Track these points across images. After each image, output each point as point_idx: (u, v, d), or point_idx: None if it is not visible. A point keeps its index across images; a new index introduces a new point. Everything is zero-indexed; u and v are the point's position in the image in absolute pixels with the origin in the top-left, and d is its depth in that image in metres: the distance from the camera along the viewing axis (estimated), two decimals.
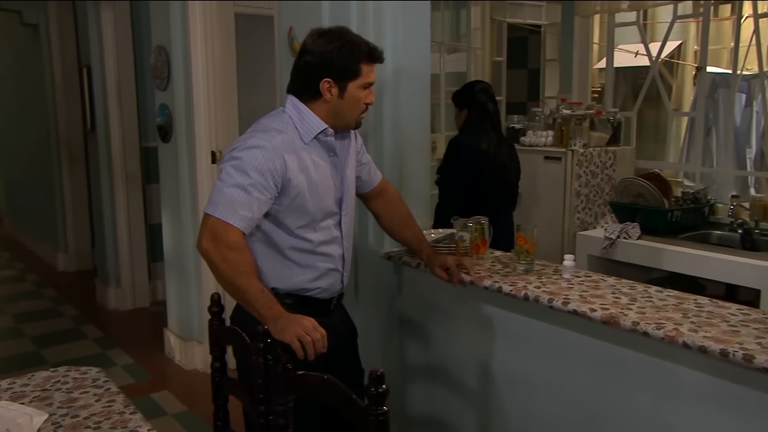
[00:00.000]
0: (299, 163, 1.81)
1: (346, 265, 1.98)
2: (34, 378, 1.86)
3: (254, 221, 1.80)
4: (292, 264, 1.88)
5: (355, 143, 2.02)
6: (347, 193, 1.94)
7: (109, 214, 4.89)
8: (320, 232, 1.89)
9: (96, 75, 4.77)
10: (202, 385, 3.58)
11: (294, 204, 1.82)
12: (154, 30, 3.82)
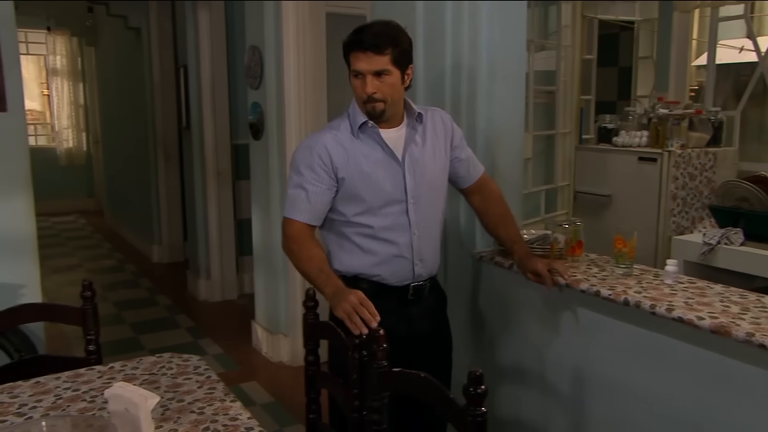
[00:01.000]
0: (347, 156, 1.94)
1: (418, 254, 2.00)
2: (142, 362, 1.96)
3: (319, 211, 1.98)
4: (354, 248, 2.00)
5: (446, 137, 2.07)
6: (418, 183, 1.98)
7: (201, 209, 5.08)
8: (382, 218, 1.96)
9: (192, 75, 4.97)
10: (288, 378, 3.67)
11: (347, 193, 1.95)
12: (248, 30, 3.94)
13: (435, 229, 2.07)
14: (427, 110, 2.08)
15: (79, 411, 1.65)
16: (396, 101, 1.96)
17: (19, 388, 1.78)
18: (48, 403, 1.70)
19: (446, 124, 2.09)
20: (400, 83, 1.94)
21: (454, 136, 2.09)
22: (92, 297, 2.07)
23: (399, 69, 1.92)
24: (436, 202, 2.05)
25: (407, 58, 1.94)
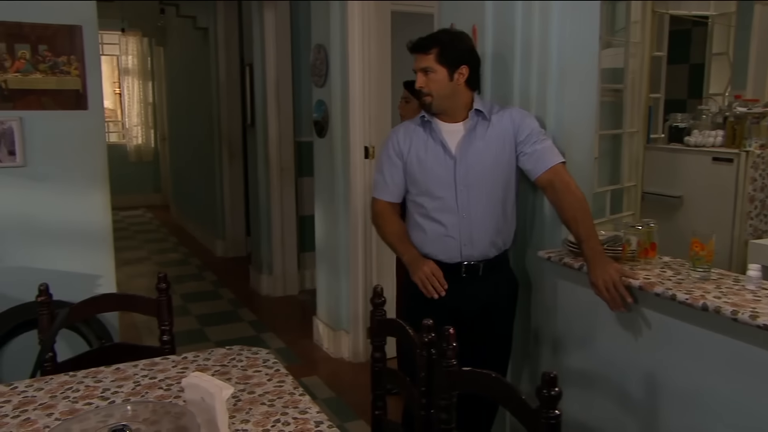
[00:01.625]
0: (411, 143, 2.28)
1: (466, 236, 2.22)
2: (213, 353, 2.02)
3: (395, 190, 2.34)
4: (414, 224, 2.32)
5: (512, 134, 2.23)
6: (470, 172, 2.21)
7: (264, 205, 5.18)
8: (434, 200, 2.24)
9: (257, 73, 5.07)
10: (349, 374, 3.71)
11: (409, 175, 2.29)
12: (314, 29, 3.99)
13: (486, 216, 2.23)
14: (501, 110, 2.28)
15: (157, 398, 1.72)
16: (443, 96, 2.21)
17: (101, 374, 1.87)
18: (128, 389, 1.77)
19: (515, 121, 2.25)
20: (447, 80, 2.19)
21: (519, 132, 2.23)
22: (167, 289, 2.14)
23: (445, 67, 2.18)
24: (491, 191, 2.23)
25: (457, 58, 2.19)
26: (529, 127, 2.22)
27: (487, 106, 2.28)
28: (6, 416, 1.62)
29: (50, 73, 3.16)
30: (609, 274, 1.98)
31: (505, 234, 2.30)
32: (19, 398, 1.71)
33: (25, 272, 3.17)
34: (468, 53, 2.23)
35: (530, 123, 2.24)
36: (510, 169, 2.25)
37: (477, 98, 2.28)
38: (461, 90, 2.22)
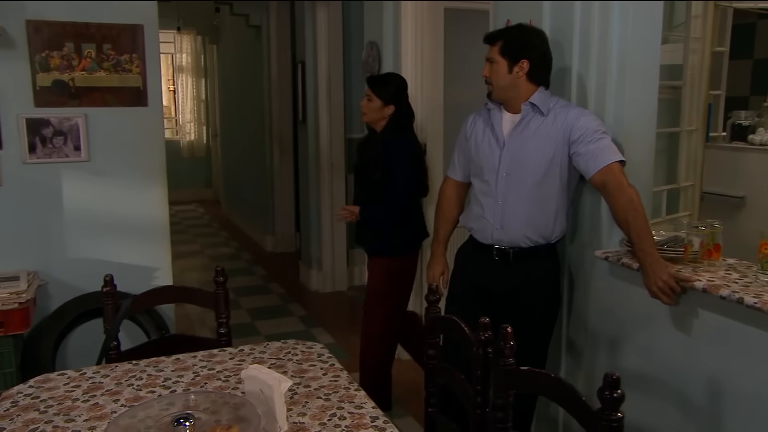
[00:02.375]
0: (475, 127, 2.45)
1: (499, 221, 2.33)
2: (269, 347, 2.06)
3: (462, 168, 2.55)
4: (469, 201, 2.51)
5: (564, 132, 2.24)
6: (514, 161, 2.30)
7: (314, 201, 5.24)
8: (481, 182, 2.40)
9: (309, 70, 5.13)
10: (397, 371, 3.71)
11: (469, 157, 2.48)
12: (366, 26, 4.01)
13: (521, 206, 2.30)
14: (563, 107, 2.29)
15: (215, 389, 1.76)
16: (502, 87, 2.31)
17: (162, 363, 1.93)
18: (188, 379, 1.82)
19: (569, 121, 2.25)
20: (507, 72, 2.29)
21: (573, 132, 2.23)
22: (224, 282, 2.19)
23: (506, 59, 2.28)
24: (529, 183, 2.29)
25: (518, 52, 2.27)
26: (583, 127, 2.21)
27: (547, 102, 2.29)
28: (77, 400, 1.69)
29: (113, 71, 3.27)
30: (662, 279, 1.98)
31: (542, 229, 2.31)
32: (87, 383, 1.79)
33: (88, 263, 3.28)
34: (532, 49, 2.28)
35: (586, 123, 2.22)
36: (556, 166, 2.26)
37: (541, 93, 2.30)
38: (521, 83, 2.28)
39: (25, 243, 3.18)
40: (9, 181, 3.14)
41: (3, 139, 3.11)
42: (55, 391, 1.74)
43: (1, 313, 2.75)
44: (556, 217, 2.32)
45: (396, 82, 3.09)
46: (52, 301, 3.23)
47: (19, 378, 2.82)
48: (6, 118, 3.10)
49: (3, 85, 3.07)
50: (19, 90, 3.10)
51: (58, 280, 3.24)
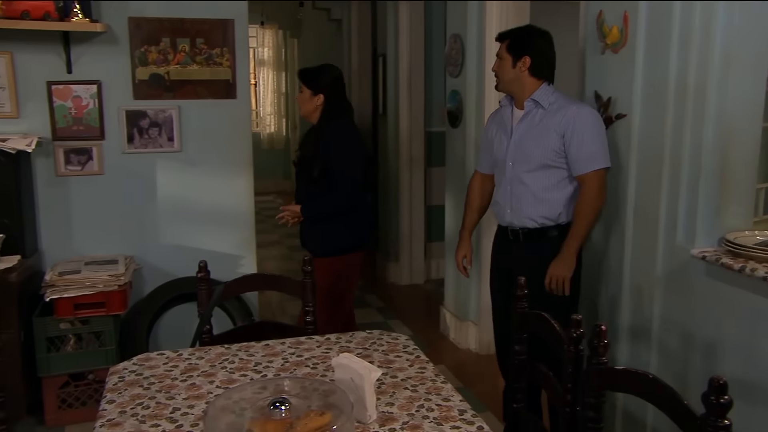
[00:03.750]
0: (492, 122, 2.74)
1: (509, 204, 2.59)
2: (354, 336, 2.09)
3: (485, 161, 2.81)
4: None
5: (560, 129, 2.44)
6: (517, 150, 2.55)
7: (393, 194, 5.27)
8: (497, 171, 2.68)
9: (390, 64, 5.15)
10: (475, 365, 3.70)
11: (489, 148, 2.74)
12: (449, 19, 3.99)
13: (525, 191, 2.54)
14: (564, 103, 2.49)
15: (304, 375, 1.81)
16: (506, 80, 2.56)
17: (252, 348, 1.99)
18: (277, 364, 1.88)
19: (566, 119, 2.45)
20: (511, 67, 2.53)
21: (567, 131, 2.45)
22: (311, 272, 2.24)
23: (511, 56, 2.53)
24: (532, 171, 2.52)
25: (522, 49, 2.50)
26: (576, 130, 2.43)
27: (548, 97, 2.51)
28: (176, 379, 1.77)
29: (205, 64, 3.40)
30: (561, 271, 2.46)
31: (547, 211, 2.53)
32: (184, 364, 1.87)
33: (178, 250, 3.44)
34: (534, 47, 2.51)
35: (579, 127, 2.43)
36: (556, 155, 2.48)
37: (543, 89, 2.52)
38: (524, 77, 2.52)
39: (122, 229, 3.36)
40: (109, 170, 3.32)
41: (105, 130, 3.29)
42: (156, 370, 1.83)
43: (103, 294, 2.92)
44: (564, 201, 2.53)
45: (326, 72, 3.01)
46: (146, 285, 3.40)
47: (117, 355, 2.98)
48: (108, 110, 3.28)
49: (106, 79, 3.25)
50: (120, 83, 3.27)
51: (151, 265, 3.41)
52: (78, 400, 3.00)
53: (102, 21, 3.13)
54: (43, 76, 3.16)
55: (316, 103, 2.97)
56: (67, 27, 2.97)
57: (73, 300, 2.89)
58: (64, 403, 2.97)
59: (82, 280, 2.93)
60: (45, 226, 3.26)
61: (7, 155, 2.87)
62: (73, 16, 2.94)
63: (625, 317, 2.61)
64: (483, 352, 3.79)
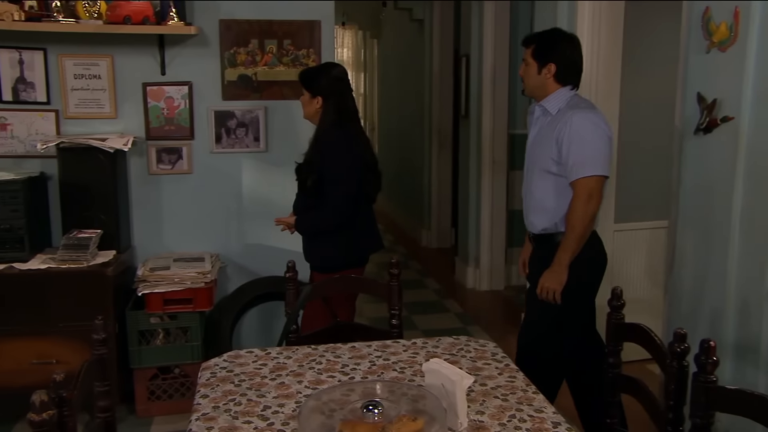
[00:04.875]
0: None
1: (525, 207, 2.66)
2: (441, 342, 2.09)
3: None
4: None
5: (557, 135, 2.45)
6: (528, 155, 2.65)
7: (474, 197, 5.23)
8: None
9: (473, 64, 5.12)
10: None
11: None
12: (538, 18, 3.92)
13: (532, 195, 2.59)
14: (571, 110, 2.47)
15: (392, 379, 1.82)
16: (531, 86, 2.58)
17: (339, 350, 2.02)
18: (364, 367, 1.90)
19: (561, 124, 2.45)
20: (536, 73, 2.54)
21: (561, 136, 2.44)
22: (398, 275, 2.25)
23: (536, 62, 2.53)
24: (538, 176, 2.56)
25: (547, 55, 2.51)
26: (567, 136, 2.43)
27: (559, 102, 2.52)
28: (265, 377, 1.82)
29: (291, 65, 3.48)
30: (551, 283, 2.47)
31: (548, 221, 2.55)
32: (273, 363, 1.92)
33: (262, 249, 3.53)
34: (560, 53, 2.52)
35: (570, 132, 2.42)
36: (551, 164, 2.49)
37: (559, 93, 2.52)
38: (549, 83, 2.53)
39: (209, 227, 3.49)
40: (198, 169, 3.45)
41: (195, 130, 3.42)
42: (246, 367, 1.89)
43: (191, 290, 3.03)
44: (565, 210, 2.50)
45: (325, 73, 2.79)
46: (230, 283, 3.51)
47: (203, 351, 3.10)
48: (198, 111, 3.41)
49: (197, 80, 3.39)
50: (210, 84, 3.40)
51: (235, 263, 3.52)
52: (165, 393, 3.13)
53: (194, 24, 3.26)
54: (139, 78, 3.32)
55: (315, 106, 2.77)
56: (164, 30, 3.11)
57: (162, 295, 3.01)
58: (153, 395, 3.11)
59: (171, 276, 3.05)
60: (137, 222, 3.42)
61: (106, 154, 3.03)
62: (170, 20, 3.07)
63: (728, 333, 2.49)
64: None
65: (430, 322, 4.54)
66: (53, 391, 1.25)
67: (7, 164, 3.20)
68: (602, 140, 2.45)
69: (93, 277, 2.89)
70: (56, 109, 3.27)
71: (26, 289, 2.86)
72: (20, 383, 2.73)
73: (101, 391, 1.59)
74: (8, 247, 2.92)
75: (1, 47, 3.15)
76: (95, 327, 1.58)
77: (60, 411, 1.23)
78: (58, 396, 1.26)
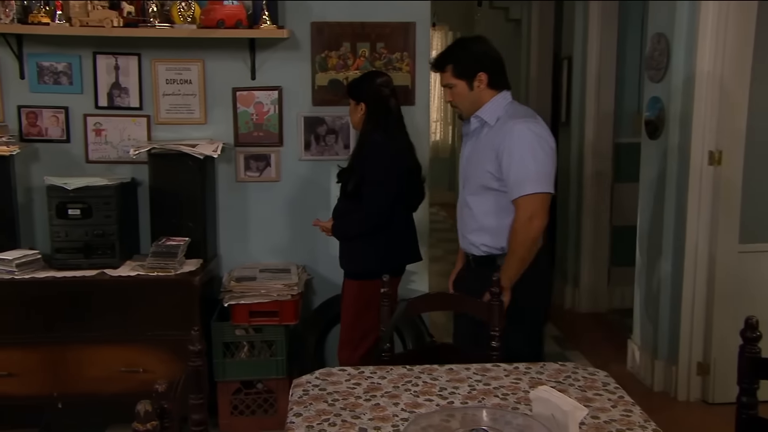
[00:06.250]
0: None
1: (461, 227, 2.61)
2: (546, 368, 2.05)
3: None
4: None
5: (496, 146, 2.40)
6: (462, 170, 2.60)
7: (573, 211, 5.11)
8: None
9: (576, 67, 5.02)
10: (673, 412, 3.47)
11: None
12: (652, 16, 3.81)
13: (471, 216, 2.53)
14: (511, 119, 2.42)
15: (493, 405, 1.79)
16: (469, 105, 2.51)
17: (436, 372, 2.01)
18: (464, 391, 1.88)
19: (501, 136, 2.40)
20: (468, 91, 2.48)
21: (500, 149, 2.39)
22: (499, 294, 2.22)
23: (463, 80, 2.47)
24: (474, 192, 2.52)
25: (472, 68, 2.45)
26: (506, 149, 2.37)
27: (497, 111, 2.46)
28: (359, 398, 1.84)
29: (384, 69, 3.51)
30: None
31: (490, 240, 2.51)
32: (367, 383, 1.93)
33: None
34: (483, 58, 2.48)
35: (510, 145, 2.36)
36: (490, 179, 2.44)
37: (494, 102, 2.47)
38: (484, 94, 2.48)
39: (295, 237, 3.57)
40: (286, 176, 3.54)
41: (284, 137, 3.52)
42: (339, 386, 1.91)
43: (277, 303, 3.11)
44: (509, 229, 2.44)
45: (368, 80, 3.00)
46: (315, 297, 3.57)
47: (287, 367, 3.16)
48: (287, 117, 3.50)
49: (287, 84, 3.48)
50: (300, 89, 3.49)
51: (321, 275, 3.58)
52: (248, 408, 3.21)
53: (286, 27, 3.36)
54: (229, 83, 3.45)
55: (360, 113, 2.98)
56: (256, 34, 3.22)
57: (248, 307, 3.10)
58: (235, 410, 3.20)
59: (258, 288, 3.14)
60: (223, 230, 3.54)
61: (195, 160, 3.16)
62: (262, 23, 3.18)
63: None
64: (682, 397, 3.55)
65: None
66: (155, 402, 1.30)
67: (99, 170, 3.40)
68: (546, 154, 2.39)
69: (180, 285, 3.02)
70: (148, 115, 3.44)
71: (116, 296, 3.02)
72: (109, 391, 2.89)
73: (196, 404, 1.64)
74: (100, 252, 3.09)
75: (99, 53, 3.35)
76: (192, 338, 1.64)
77: (161, 422, 1.28)
78: (160, 407, 1.31)
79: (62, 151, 3.43)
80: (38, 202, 3.40)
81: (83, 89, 3.40)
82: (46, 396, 2.99)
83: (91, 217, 3.07)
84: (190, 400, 1.64)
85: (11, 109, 3.39)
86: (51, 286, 2.99)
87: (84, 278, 3.01)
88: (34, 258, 3.08)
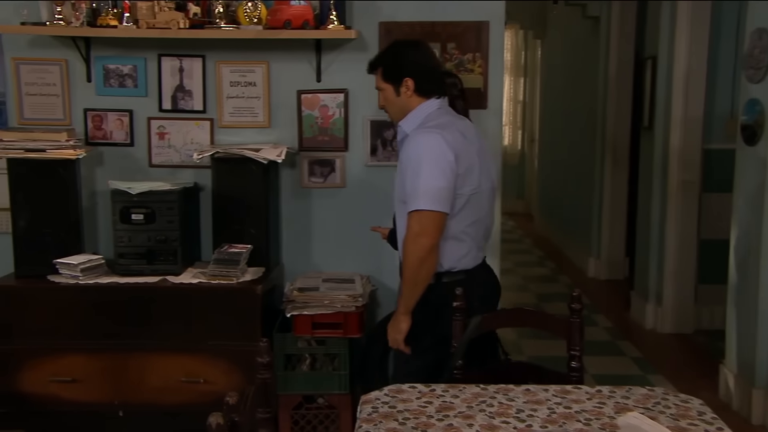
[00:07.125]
0: None
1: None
2: (632, 392, 2.00)
3: None
4: None
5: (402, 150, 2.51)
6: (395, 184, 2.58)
7: (656, 223, 4.99)
8: None
9: (661, 68, 4.90)
10: None
11: None
12: (751, 10, 3.68)
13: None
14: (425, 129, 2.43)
15: (576, 431, 1.76)
16: (396, 110, 2.56)
17: (512, 392, 1.99)
18: (543, 414, 1.85)
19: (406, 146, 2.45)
20: (395, 96, 2.53)
21: (401, 161, 2.48)
22: (581, 310, 2.18)
23: (391, 84, 2.53)
24: (397, 206, 2.56)
25: (399, 73, 2.50)
26: (402, 161, 2.46)
27: (415, 120, 2.49)
28: (431, 417, 1.83)
29: (455, 71, 3.50)
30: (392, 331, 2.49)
31: None
32: (438, 401, 1.93)
33: None
34: (412, 65, 2.51)
35: (405, 157, 2.43)
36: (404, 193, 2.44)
37: (418, 111, 2.50)
38: (413, 101, 2.51)
39: (360, 246, 3.58)
40: (351, 182, 3.57)
41: (349, 141, 3.55)
42: (409, 404, 1.91)
43: (340, 314, 3.13)
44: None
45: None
46: (380, 309, 3.58)
47: (350, 381, 3.17)
48: (353, 120, 3.53)
49: (353, 87, 3.51)
50: (366, 92, 3.50)
51: (387, 287, 3.58)
52: (309, 424, 3.24)
53: (354, 27, 3.38)
54: (294, 85, 3.51)
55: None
56: (323, 35, 3.26)
57: (311, 318, 3.13)
58: (296, 425, 3.23)
59: (321, 298, 3.17)
60: (286, 238, 3.59)
61: (258, 165, 3.22)
62: (329, 23, 3.22)
63: None
64: None
65: (602, 366, 4.36)
66: (226, 414, 1.32)
67: (162, 174, 3.50)
68: (438, 168, 2.33)
69: (242, 294, 3.07)
70: (211, 118, 3.53)
71: (177, 304, 3.10)
72: (170, 401, 2.96)
73: (263, 417, 1.67)
74: (162, 259, 3.18)
75: (164, 55, 3.46)
76: (260, 349, 1.67)
77: None
78: (230, 420, 1.34)
79: (126, 154, 3.55)
80: (102, 206, 3.52)
81: (147, 92, 3.51)
82: (107, 403, 3.08)
83: (154, 222, 3.16)
84: (257, 414, 1.67)
85: (78, 113, 3.52)
86: (114, 292, 3.09)
87: (146, 285, 3.10)
88: (98, 263, 3.19)
